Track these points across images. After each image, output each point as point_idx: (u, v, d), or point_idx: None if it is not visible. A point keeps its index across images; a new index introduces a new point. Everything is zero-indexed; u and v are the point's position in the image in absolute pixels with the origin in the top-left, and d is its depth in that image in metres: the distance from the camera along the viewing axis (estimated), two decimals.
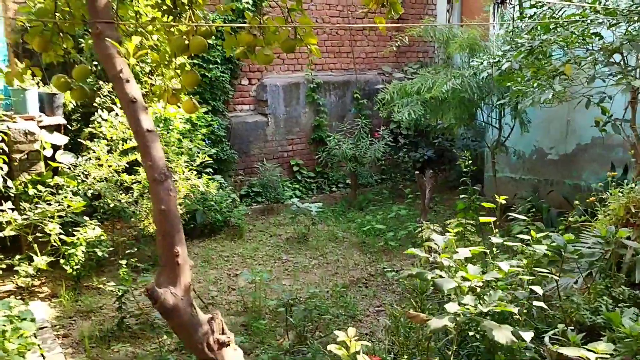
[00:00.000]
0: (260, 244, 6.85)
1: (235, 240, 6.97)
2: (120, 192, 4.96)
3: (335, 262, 6.32)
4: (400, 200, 8.51)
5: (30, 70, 3.43)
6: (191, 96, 3.38)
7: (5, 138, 5.19)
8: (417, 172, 5.61)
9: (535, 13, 4.71)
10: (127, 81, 2.23)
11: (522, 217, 3.81)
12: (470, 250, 2.72)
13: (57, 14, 2.99)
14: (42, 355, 4.27)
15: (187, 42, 3.04)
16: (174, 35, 3.21)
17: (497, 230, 3.45)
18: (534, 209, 7.16)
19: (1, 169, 5.09)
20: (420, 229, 5.02)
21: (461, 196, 4.79)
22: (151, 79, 7.06)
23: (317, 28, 8.95)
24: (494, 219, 3.42)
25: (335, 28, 9.41)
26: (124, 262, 4.78)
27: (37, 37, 3.03)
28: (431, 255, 2.70)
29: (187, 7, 3.25)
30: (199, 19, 3.28)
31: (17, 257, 5.50)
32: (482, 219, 3.47)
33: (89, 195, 5.88)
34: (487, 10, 7.82)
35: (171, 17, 3.31)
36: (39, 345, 4.41)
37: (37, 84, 6.11)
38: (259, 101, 8.98)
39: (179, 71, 3.54)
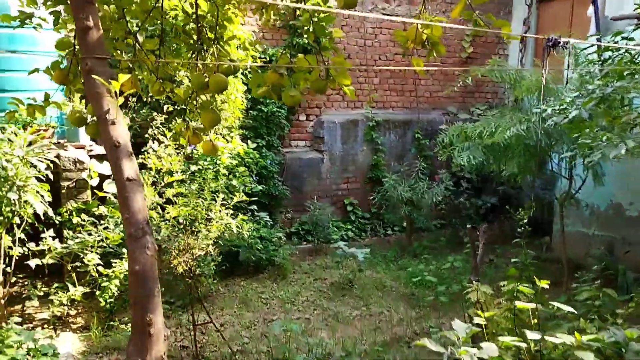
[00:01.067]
0: (303, 288, 6.53)
1: (278, 281, 6.69)
2: (159, 226, 4.83)
3: (379, 314, 5.88)
4: (458, 250, 7.92)
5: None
6: (211, 138, 3.18)
7: (51, 165, 5.22)
8: (468, 226, 5.11)
9: (610, 57, 4.20)
10: (113, 123, 2.03)
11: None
12: (501, 344, 2.27)
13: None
14: None
15: (207, 79, 2.85)
16: (197, 71, 3.03)
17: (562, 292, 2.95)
18: (607, 270, 6.43)
19: (42, 197, 5.10)
20: (469, 290, 4.52)
21: (513, 260, 4.27)
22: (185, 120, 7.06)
23: (352, 69, 8.71)
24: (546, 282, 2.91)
25: (365, 67, 9.11)
26: None
27: (58, 71, 2.95)
28: (447, 350, 2.27)
29: (212, 43, 3.07)
30: (225, 55, 3.09)
31: (55, 285, 5.49)
32: (542, 282, 2.98)
33: None
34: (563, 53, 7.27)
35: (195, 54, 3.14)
36: None
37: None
38: (315, 137, 8.78)
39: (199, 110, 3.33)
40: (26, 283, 5.74)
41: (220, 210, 4.74)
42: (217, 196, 4.89)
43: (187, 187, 4.91)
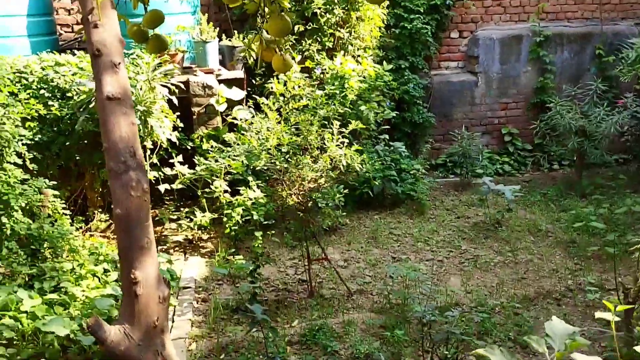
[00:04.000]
0: (441, 226, 5.86)
1: (414, 217, 6.10)
2: (259, 156, 4.53)
3: (526, 262, 5.02)
4: None
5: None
6: (283, 52, 2.62)
7: (175, 91, 5.15)
8: None
9: None
10: (95, 26, 1.59)
11: None
12: None
13: None
14: (172, 319, 4.16)
15: None
16: None
17: None
18: None
19: (168, 123, 5.08)
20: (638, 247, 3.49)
21: None
22: (339, 31, 6.48)
23: None
24: None
25: None
26: (259, 233, 4.38)
27: None
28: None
29: None
30: None
31: (186, 210, 5.58)
32: None
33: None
34: None
35: None
36: (174, 306, 4.33)
37: (219, 35, 5.99)
38: (468, 57, 7.71)
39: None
40: (161, 207, 5.94)
41: (332, 139, 4.24)
42: (331, 123, 4.39)
43: (297, 115, 4.48)
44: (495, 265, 5.00)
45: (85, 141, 5.17)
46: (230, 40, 6.06)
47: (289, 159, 4.25)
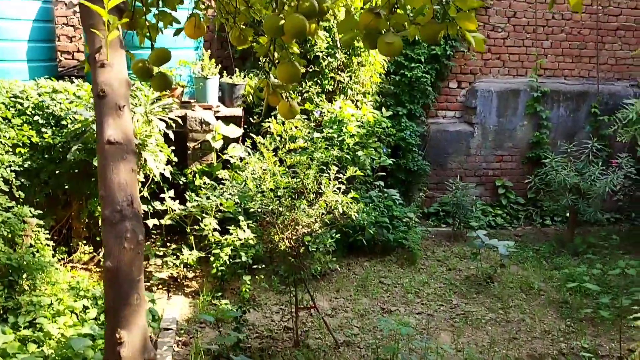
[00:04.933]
0: (432, 278, 5.75)
1: (405, 267, 5.99)
2: (252, 198, 4.46)
3: (518, 322, 4.91)
4: (635, 252, 6.46)
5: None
6: (290, 97, 2.57)
7: (173, 125, 5.09)
8: None
9: None
10: (102, 65, 1.53)
11: None
12: None
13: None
14: None
15: (282, 22, 2.24)
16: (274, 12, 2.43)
17: None
18: None
19: (162, 157, 5.00)
20: (637, 315, 3.41)
21: None
22: (339, 75, 6.50)
23: (518, 29, 7.36)
24: None
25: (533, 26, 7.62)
26: (247, 277, 4.25)
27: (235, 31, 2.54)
28: None
29: None
30: None
31: (173, 247, 5.45)
32: None
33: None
34: None
35: None
36: None
37: (220, 72, 5.98)
38: (466, 108, 7.75)
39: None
40: (147, 242, 5.79)
41: (329, 185, 4.17)
42: (330, 168, 4.33)
43: (292, 157, 4.42)
44: (486, 322, 4.88)
45: (77, 170, 5.07)
46: (231, 77, 6.06)
47: (283, 202, 4.16)
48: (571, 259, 6.32)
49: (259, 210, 4.23)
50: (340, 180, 4.36)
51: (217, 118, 5.80)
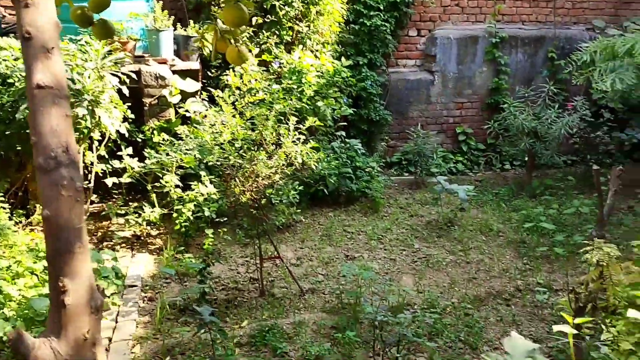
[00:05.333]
0: (395, 224, 5.86)
1: (369, 215, 6.08)
2: (211, 151, 4.41)
3: (477, 262, 5.08)
4: (588, 193, 6.68)
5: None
6: (238, 44, 2.51)
7: (126, 80, 4.94)
8: (595, 167, 4.03)
9: None
10: (26, 5, 1.45)
11: None
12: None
13: None
14: (116, 320, 3.99)
15: None
16: None
17: None
18: None
19: (120, 112, 4.87)
20: (586, 249, 3.56)
21: None
22: (298, 24, 6.37)
23: None
24: None
25: None
26: (210, 231, 4.25)
27: None
28: None
29: None
30: None
31: (134, 205, 5.38)
32: None
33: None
34: None
35: None
36: (119, 306, 4.16)
37: (174, 24, 5.79)
38: (426, 56, 7.74)
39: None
40: (109, 201, 5.71)
41: (289, 135, 4.15)
42: (289, 119, 4.29)
43: (252, 109, 4.37)
44: (447, 264, 5.04)
45: (27, 130, 4.90)
46: (185, 29, 5.87)
47: (243, 155, 4.13)
48: (529, 201, 6.51)
49: (218, 163, 4.19)
50: (299, 130, 4.33)
51: (174, 72, 5.65)
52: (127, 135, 5.16)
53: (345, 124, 6.54)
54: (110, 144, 5.25)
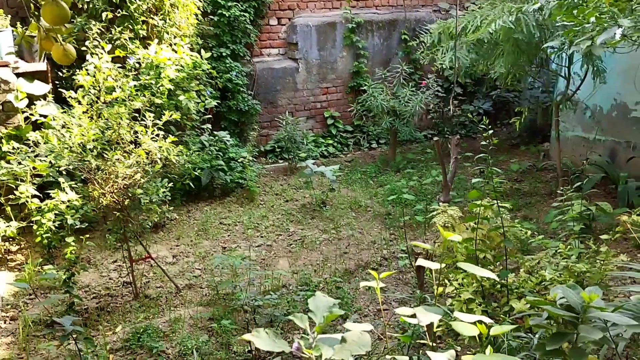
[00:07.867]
0: (270, 211, 5.99)
1: (245, 205, 6.15)
2: (60, 155, 4.23)
3: (348, 238, 5.35)
4: (446, 162, 7.23)
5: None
6: (64, 41, 2.45)
7: None
8: (435, 138, 4.43)
9: None
10: None
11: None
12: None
13: None
14: None
15: None
16: None
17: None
18: (608, 178, 5.79)
19: None
20: (434, 214, 3.93)
21: (474, 181, 3.61)
22: (152, 18, 6.20)
23: None
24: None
25: None
26: (71, 239, 4.09)
27: None
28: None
29: None
30: None
31: None
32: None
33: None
34: None
35: None
36: None
37: (14, 24, 5.40)
38: (288, 44, 7.90)
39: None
40: None
41: (147, 132, 4.08)
42: (144, 116, 4.22)
43: (109, 109, 4.23)
44: (320, 243, 5.26)
45: None
46: (27, 29, 5.48)
47: (104, 155, 3.99)
48: (394, 176, 6.95)
49: (71, 167, 4.02)
50: (158, 126, 4.27)
51: (18, 75, 5.27)
52: None
53: (214, 116, 6.51)
54: None
